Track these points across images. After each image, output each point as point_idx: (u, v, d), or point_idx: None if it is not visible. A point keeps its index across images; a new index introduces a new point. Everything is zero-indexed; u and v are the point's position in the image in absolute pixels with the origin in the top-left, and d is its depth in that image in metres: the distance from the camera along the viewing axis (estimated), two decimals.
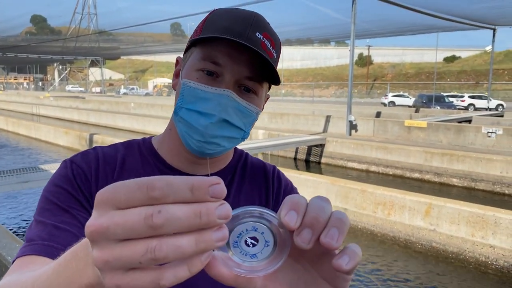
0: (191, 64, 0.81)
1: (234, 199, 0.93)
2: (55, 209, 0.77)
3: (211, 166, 0.91)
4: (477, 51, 62.05)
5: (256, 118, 0.85)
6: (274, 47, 0.82)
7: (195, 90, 0.78)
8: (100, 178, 0.84)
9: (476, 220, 5.54)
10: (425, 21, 18.63)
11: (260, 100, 0.85)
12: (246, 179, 0.97)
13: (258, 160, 1.03)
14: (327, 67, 70.06)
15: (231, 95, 0.77)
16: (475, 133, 12.35)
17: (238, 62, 0.78)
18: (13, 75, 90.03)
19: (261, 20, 0.81)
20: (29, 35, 53.62)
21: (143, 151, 0.92)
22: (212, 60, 0.78)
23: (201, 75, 0.79)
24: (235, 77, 0.79)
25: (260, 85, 0.82)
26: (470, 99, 31.65)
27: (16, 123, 19.01)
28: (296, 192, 1.02)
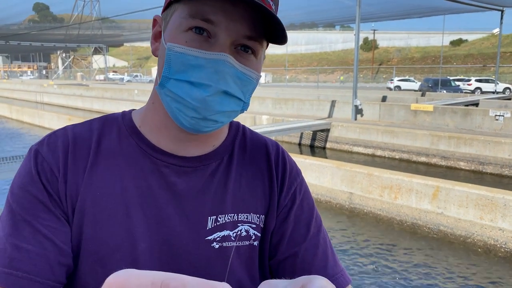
0: (176, 23, 0.68)
1: (235, 185, 0.79)
2: (17, 222, 0.67)
3: (202, 143, 0.78)
4: (484, 34, 61.31)
5: (255, 85, 0.72)
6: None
7: (185, 56, 0.65)
8: (70, 169, 0.71)
9: (485, 203, 5.44)
10: (431, 3, 18.35)
11: (259, 63, 0.72)
12: (246, 160, 0.83)
13: (258, 135, 0.89)
14: (332, 52, 69.57)
15: (228, 59, 0.65)
16: (483, 117, 12.18)
17: (234, 18, 0.65)
18: (17, 64, 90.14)
19: None
20: (31, 23, 53.49)
21: (122, 128, 0.77)
22: (203, 17, 0.64)
23: (191, 37, 0.66)
24: (232, 37, 0.66)
25: (260, 44, 0.70)
26: (476, 82, 31.36)
27: (19, 110, 19.01)
28: (302, 179, 0.88)
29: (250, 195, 0.80)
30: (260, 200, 0.81)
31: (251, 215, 0.79)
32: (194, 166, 0.77)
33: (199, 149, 0.78)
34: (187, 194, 0.75)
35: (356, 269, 5.06)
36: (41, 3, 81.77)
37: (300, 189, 0.86)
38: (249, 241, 0.78)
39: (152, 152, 0.75)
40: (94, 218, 0.70)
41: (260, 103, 17.96)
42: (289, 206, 0.83)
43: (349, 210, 6.85)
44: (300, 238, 0.82)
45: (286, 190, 0.83)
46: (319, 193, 7.26)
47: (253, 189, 0.81)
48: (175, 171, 0.75)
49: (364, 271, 5.02)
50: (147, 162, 0.75)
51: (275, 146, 0.88)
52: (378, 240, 5.91)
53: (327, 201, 7.18)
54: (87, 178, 0.71)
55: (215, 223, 0.75)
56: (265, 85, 44.20)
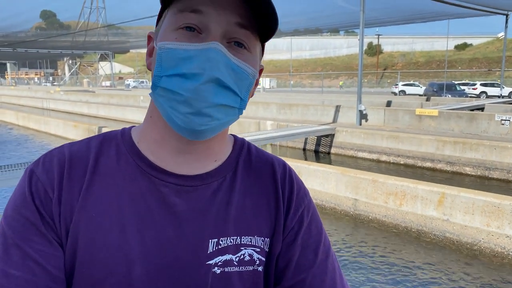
0: (166, 25, 0.67)
1: (239, 205, 0.75)
2: (8, 246, 0.65)
3: (203, 156, 0.74)
4: (489, 38, 61.10)
5: (252, 82, 0.68)
6: None
7: (175, 51, 0.63)
8: (65, 189, 0.69)
9: (492, 209, 5.39)
10: (435, 8, 18.29)
11: (255, 59, 0.69)
12: (250, 179, 0.78)
13: (264, 153, 0.84)
14: (336, 57, 69.58)
15: (219, 47, 0.61)
16: (488, 121, 12.11)
17: (223, 6, 0.63)
18: (24, 71, 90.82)
19: None
20: (39, 30, 53.91)
21: (120, 146, 0.74)
22: (192, 9, 0.63)
23: (181, 34, 0.64)
24: (223, 27, 0.63)
25: (254, 36, 0.67)
26: (482, 87, 31.24)
27: (26, 117, 19.13)
28: (310, 200, 0.83)
29: (255, 217, 0.76)
30: (265, 222, 0.76)
31: (255, 238, 0.74)
32: (195, 185, 0.73)
33: (200, 165, 0.74)
34: (187, 215, 0.71)
35: (361, 277, 5.02)
36: (48, 11, 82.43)
37: (308, 210, 0.81)
38: (253, 266, 0.74)
39: (151, 170, 0.72)
40: (89, 241, 0.67)
41: (264, 108, 17.97)
42: (296, 229, 0.78)
43: (354, 217, 6.82)
44: (308, 263, 0.77)
45: (293, 212, 0.79)
46: (323, 199, 7.23)
47: (257, 210, 0.76)
48: (175, 190, 0.71)
49: (370, 279, 4.98)
50: (145, 181, 0.71)
51: (281, 165, 0.83)
52: (383, 248, 5.87)
53: (332, 207, 7.14)
54: (82, 200, 0.69)
55: (216, 246, 0.71)
56: (270, 90, 44.25)
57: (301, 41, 69.67)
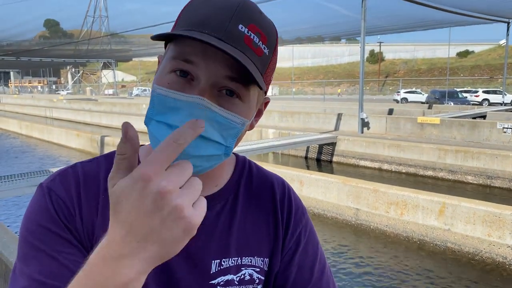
0: (163, 65, 0.68)
1: (240, 227, 0.78)
2: (40, 257, 0.67)
3: (205, 183, 0.73)
4: (491, 45, 61.16)
5: (241, 129, 0.68)
6: (265, 42, 0.66)
7: (165, 98, 0.64)
8: (83, 207, 0.72)
9: (493, 219, 5.38)
10: (436, 16, 18.36)
11: (248, 107, 0.68)
12: (252, 200, 0.82)
13: (265, 173, 0.87)
14: (338, 65, 69.72)
15: (203, 103, 0.62)
16: (490, 129, 12.11)
17: (214, 59, 0.63)
18: (28, 79, 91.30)
19: (248, 9, 0.65)
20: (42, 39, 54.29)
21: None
22: (184, 58, 0.64)
23: (173, 79, 0.65)
24: (212, 78, 0.63)
25: (245, 87, 0.66)
26: (484, 94, 31.23)
27: (29, 126, 19.21)
28: (307, 219, 0.87)
29: (255, 238, 0.80)
30: (264, 243, 0.80)
31: (255, 259, 0.78)
32: None
33: (202, 191, 0.77)
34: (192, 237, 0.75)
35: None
36: (52, 20, 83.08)
37: (305, 231, 0.85)
38: (252, 285, 0.78)
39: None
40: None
41: (266, 116, 18.01)
42: (294, 249, 0.83)
43: (355, 226, 6.81)
44: (304, 282, 0.82)
45: (291, 233, 0.83)
46: (325, 209, 7.24)
47: (258, 231, 0.80)
48: None
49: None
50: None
51: (281, 185, 0.86)
52: (385, 258, 5.86)
53: (333, 217, 7.14)
54: (100, 219, 0.72)
55: (219, 267, 0.75)
56: (272, 97, 44.27)
57: (303, 49, 69.90)
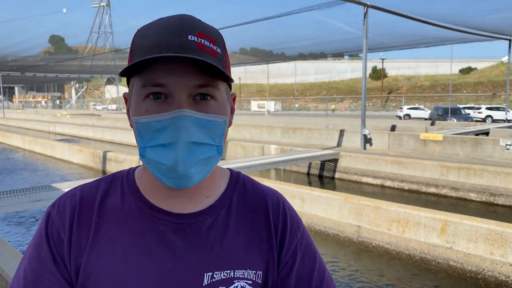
0: (135, 96, 0.73)
1: (232, 240, 0.81)
2: (26, 281, 0.77)
3: (195, 196, 0.81)
4: (493, 62, 61.35)
5: (224, 127, 0.75)
6: (214, 43, 0.72)
7: (149, 124, 0.70)
8: (74, 232, 0.78)
9: (495, 237, 5.34)
10: (438, 33, 18.48)
11: (222, 103, 0.75)
12: (245, 214, 0.84)
13: (259, 187, 0.90)
14: (341, 81, 70.00)
15: (184, 113, 0.68)
16: (493, 146, 12.08)
17: (180, 74, 0.69)
18: (32, 94, 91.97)
19: (189, 21, 0.72)
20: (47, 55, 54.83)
21: (125, 186, 0.83)
22: (154, 83, 0.69)
23: (150, 104, 0.70)
24: (185, 92, 0.69)
25: (215, 88, 0.72)
26: (487, 110, 31.20)
27: (32, 141, 19.29)
28: (303, 231, 0.88)
29: (247, 251, 0.81)
30: (257, 256, 0.82)
31: (248, 271, 0.80)
32: (190, 223, 0.79)
33: (193, 203, 0.81)
34: (184, 250, 0.77)
35: None
36: (57, 35, 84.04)
37: (301, 244, 0.86)
38: None
39: (150, 210, 0.79)
40: (97, 275, 0.76)
41: (269, 132, 18.04)
42: (291, 264, 0.84)
43: (357, 244, 6.76)
44: None
45: (287, 247, 0.84)
46: (327, 226, 7.19)
47: (251, 244, 0.82)
48: (172, 228, 0.78)
49: None
50: (146, 220, 0.79)
51: (275, 200, 0.88)
52: (387, 276, 5.80)
53: (335, 234, 7.10)
54: (91, 241, 0.78)
55: (211, 279, 0.77)
56: (275, 113, 44.44)
57: (305, 65, 70.27)
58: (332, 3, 13.85)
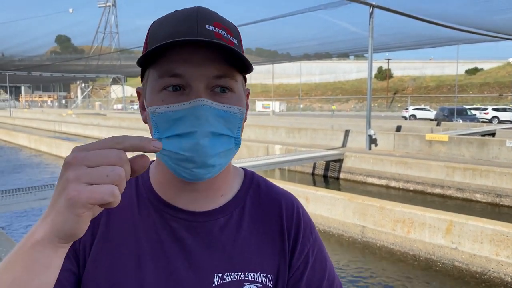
0: (151, 87, 0.71)
1: (245, 242, 0.79)
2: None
3: (209, 193, 0.79)
4: (500, 63, 61.01)
5: (241, 118, 0.73)
6: (231, 34, 0.71)
7: (165, 114, 0.67)
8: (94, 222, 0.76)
9: (500, 238, 5.30)
10: (444, 33, 18.40)
11: (240, 96, 0.73)
12: (259, 216, 0.83)
13: (273, 188, 0.88)
14: (346, 81, 69.86)
15: (204, 102, 0.66)
16: (499, 147, 12.00)
17: (199, 64, 0.67)
18: (38, 94, 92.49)
19: (206, 12, 0.70)
20: (53, 54, 55.14)
21: (139, 183, 0.82)
22: (171, 74, 0.67)
23: (166, 95, 0.68)
24: (204, 82, 0.68)
25: (233, 79, 0.71)
26: (494, 111, 31.04)
27: (38, 140, 19.39)
28: (316, 237, 0.87)
29: (259, 254, 0.80)
30: (269, 260, 0.80)
31: (258, 275, 0.78)
32: (202, 221, 0.78)
33: (208, 201, 0.80)
34: (195, 249, 0.77)
35: None
36: (63, 35, 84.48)
37: (313, 250, 0.85)
38: None
39: (163, 207, 0.78)
40: (109, 269, 0.74)
41: (273, 132, 18.02)
42: (302, 269, 0.82)
43: (362, 244, 6.74)
44: None
45: (299, 253, 0.83)
46: (331, 226, 7.18)
47: (263, 247, 0.80)
48: (184, 225, 0.77)
49: None
50: (158, 216, 0.78)
51: (290, 203, 0.87)
52: (392, 277, 5.78)
53: (340, 234, 7.08)
54: (104, 227, 0.77)
55: (221, 280, 0.76)
56: (280, 114, 44.41)
57: (310, 65, 70.16)
58: (337, 3, 13.83)
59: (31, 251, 0.53)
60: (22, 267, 0.53)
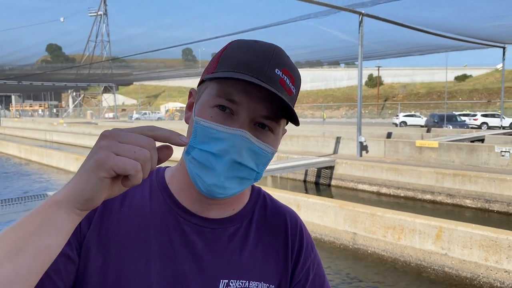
0: (205, 100, 0.76)
1: (251, 252, 0.84)
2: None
3: (223, 207, 0.84)
4: (488, 69, 61.70)
5: (271, 158, 0.78)
6: (293, 83, 0.77)
7: (209, 129, 0.73)
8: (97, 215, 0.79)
9: (489, 244, 5.36)
10: (433, 41, 18.63)
11: (276, 138, 0.79)
12: (265, 228, 0.88)
13: (278, 205, 0.94)
14: (337, 88, 70.20)
15: (246, 135, 0.72)
16: (488, 153, 12.14)
17: (255, 99, 0.72)
18: (29, 103, 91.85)
19: (281, 55, 0.76)
20: (44, 63, 54.89)
21: (154, 183, 0.86)
22: (228, 98, 0.73)
23: (216, 113, 0.74)
24: (251, 116, 0.73)
25: (277, 123, 0.76)
26: (483, 117, 31.37)
27: (28, 150, 19.24)
28: (316, 253, 0.93)
29: (264, 264, 0.84)
30: (272, 271, 0.85)
31: (262, 284, 0.82)
32: (213, 228, 0.82)
33: (220, 212, 0.84)
34: (204, 254, 0.80)
35: None
36: (54, 44, 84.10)
37: (313, 264, 0.91)
38: None
39: (177, 209, 0.82)
40: (119, 268, 0.76)
41: None
42: (303, 282, 0.88)
43: (353, 251, 6.77)
44: None
45: (301, 266, 0.88)
46: (322, 233, 7.20)
47: (267, 258, 0.85)
48: (196, 230, 0.81)
49: None
50: (171, 218, 0.82)
51: (294, 220, 0.93)
52: (382, 283, 5.81)
53: (331, 241, 7.10)
54: (114, 226, 0.79)
55: (226, 286, 0.79)
56: None
57: (302, 73, 69.58)
58: (327, 11, 13.96)
59: (47, 210, 0.58)
60: (34, 225, 0.57)
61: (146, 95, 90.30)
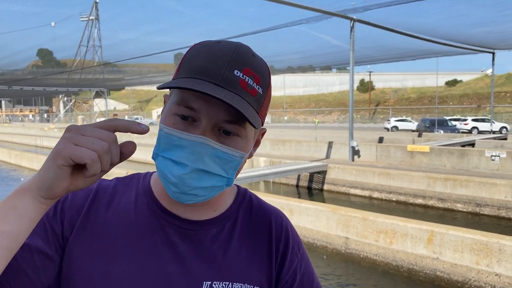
0: (168, 107, 0.76)
1: (234, 253, 0.83)
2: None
3: (204, 209, 0.84)
4: (478, 75, 62.37)
5: (240, 162, 0.76)
6: (258, 82, 0.74)
7: (170, 136, 0.72)
8: (83, 214, 0.81)
9: (480, 247, 5.40)
10: (424, 46, 18.81)
11: (246, 141, 0.77)
12: (249, 229, 0.87)
13: (264, 206, 0.93)
14: (329, 93, 70.52)
15: (206, 142, 0.71)
16: (479, 157, 12.24)
17: (213, 105, 0.71)
18: (19, 108, 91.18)
19: (242, 54, 0.73)
20: (35, 68, 54.54)
21: (140, 188, 0.87)
22: (187, 105, 0.72)
23: (177, 120, 0.73)
24: (213, 121, 0.72)
25: (241, 127, 0.74)
26: (473, 122, 31.66)
27: (18, 155, 19.08)
28: (303, 253, 0.91)
29: (248, 265, 0.83)
30: (257, 272, 0.84)
31: (245, 286, 0.81)
32: (195, 230, 0.82)
33: (201, 214, 0.84)
34: (187, 255, 0.80)
35: None
36: (45, 49, 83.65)
37: (301, 265, 0.89)
38: None
39: (160, 212, 0.83)
40: (101, 272, 0.77)
41: None
42: (290, 283, 0.86)
43: (345, 255, 6.78)
44: None
45: (287, 267, 0.87)
46: (315, 238, 7.21)
47: (252, 259, 0.84)
48: (178, 232, 0.81)
49: None
50: (154, 220, 0.82)
51: (279, 220, 0.91)
52: None
53: (323, 246, 7.11)
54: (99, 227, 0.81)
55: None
56: (264, 125, 44.52)
57: (294, 78, 70.73)
58: (319, 17, 14.04)
59: (14, 197, 0.62)
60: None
61: (138, 100, 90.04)
